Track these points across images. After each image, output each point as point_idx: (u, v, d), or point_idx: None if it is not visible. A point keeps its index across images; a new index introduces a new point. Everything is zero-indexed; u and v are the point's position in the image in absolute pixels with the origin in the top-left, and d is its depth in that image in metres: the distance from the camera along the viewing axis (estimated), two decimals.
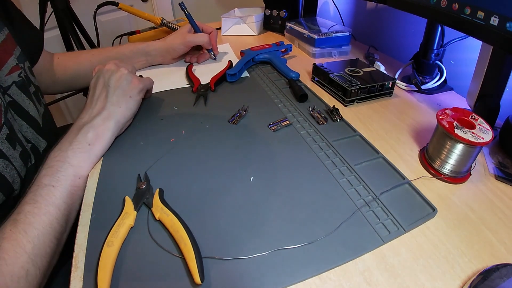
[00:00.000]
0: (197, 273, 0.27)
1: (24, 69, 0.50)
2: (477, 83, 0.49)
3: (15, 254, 0.27)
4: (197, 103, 0.56)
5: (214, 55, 0.74)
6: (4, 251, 0.27)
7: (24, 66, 0.50)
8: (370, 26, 0.92)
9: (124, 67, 0.48)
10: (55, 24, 1.15)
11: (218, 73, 0.64)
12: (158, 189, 0.36)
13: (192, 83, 0.61)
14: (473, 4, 0.41)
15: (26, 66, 0.51)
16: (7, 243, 0.28)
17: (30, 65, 0.53)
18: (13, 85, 0.46)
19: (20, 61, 0.49)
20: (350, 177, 0.39)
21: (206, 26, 0.73)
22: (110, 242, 0.29)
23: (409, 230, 0.32)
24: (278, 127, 0.48)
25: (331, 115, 0.50)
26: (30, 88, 0.50)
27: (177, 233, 0.30)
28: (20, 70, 0.48)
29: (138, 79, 0.49)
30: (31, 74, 0.52)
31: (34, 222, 0.30)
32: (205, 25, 0.73)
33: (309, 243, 0.30)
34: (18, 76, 0.48)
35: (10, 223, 0.30)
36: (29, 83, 0.50)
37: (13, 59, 0.47)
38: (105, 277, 0.27)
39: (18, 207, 0.32)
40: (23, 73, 0.49)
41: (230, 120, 0.50)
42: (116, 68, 0.47)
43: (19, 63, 0.49)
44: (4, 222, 0.30)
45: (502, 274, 0.26)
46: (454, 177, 0.39)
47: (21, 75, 0.48)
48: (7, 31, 0.48)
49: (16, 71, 0.47)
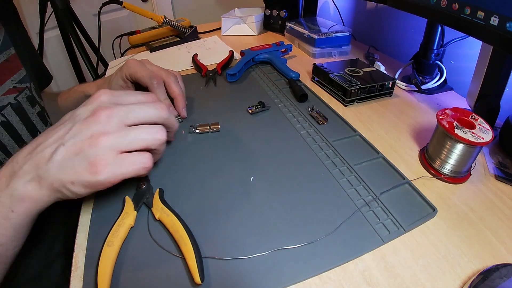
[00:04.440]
0: (197, 272, 0.27)
1: (30, 89, 0.47)
2: (477, 83, 0.49)
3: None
4: (208, 85, 0.63)
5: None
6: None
7: (30, 86, 0.47)
8: (370, 26, 0.92)
9: (113, 133, 0.29)
10: (55, 24, 1.15)
11: (222, 59, 0.70)
12: (158, 189, 0.35)
13: (200, 69, 0.67)
14: (473, 4, 0.41)
15: (32, 87, 0.48)
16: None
17: (36, 87, 0.49)
18: (8, 106, 0.43)
19: (25, 81, 0.46)
20: (350, 177, 0.39)
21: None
22: (110, 242, 0.29)
23: (409, 230, 0.32)
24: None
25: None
26: (35, 108, 0.47)
27: (177, 233, 0.30)
28: (16, 93, 0.44)
29: (111, 162, 0.29)
30: (37, 95, 0.48)
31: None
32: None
33: (309, 243, 0.30)
34: (15, 99, 0.43)
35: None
36: (34, 103, 0.47)
37: (11, 82, 0.44)
38: (105, 277, 0.27)
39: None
40: (28, 92, 0.46)
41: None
42: (103, 126, 0.29)
43: (24, 83, 0.45)
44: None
45: (502, 274, 0.26)
46: (454, 177, 0.39)
47: (17, 99, 0.44)
48: (13, 51, 0.46)
49: (13, 93, 0.43)
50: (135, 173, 0.30)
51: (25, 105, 0.46)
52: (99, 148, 0.28)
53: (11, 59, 0.45)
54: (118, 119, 0.30)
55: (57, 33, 1.16)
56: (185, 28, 0.87)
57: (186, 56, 0.78)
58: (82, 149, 0.28)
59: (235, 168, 0.40)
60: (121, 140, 0.29)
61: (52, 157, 0.28)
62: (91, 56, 1.19)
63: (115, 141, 0.29)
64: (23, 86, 0.46)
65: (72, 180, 0.28)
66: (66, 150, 0.28)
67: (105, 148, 0.29)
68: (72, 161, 0.28)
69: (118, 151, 0.29)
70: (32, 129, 0.47)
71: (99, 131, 0.29)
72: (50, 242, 0.47)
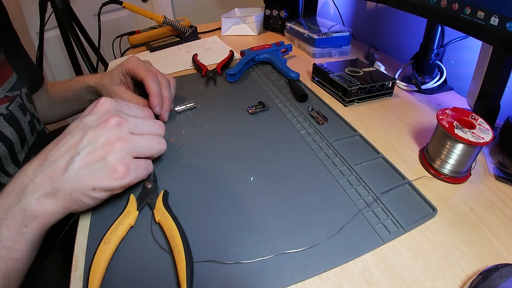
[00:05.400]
0: (185, 285, 0.26)
1: (20, 96, 0.46)
2: (477, 83, 0.49)
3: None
4: (208, 85, 0.62)
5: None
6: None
7: (21, 93, 0.46)
8: (370, 26, 0.92)
9: (127, 138, 0.31)
10: (55, 24, 1.15)
11: (222, 59, 0.70)
12: (163, 191, 0.35)
13: (200, 69, 0.67)
14: (473, 4, 0.41)
15: (24, 92, 0.47)
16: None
17: (28, 91, 0.49)
18: (1, 117, 0.42)
19: (15, 88, 0.45)
20: (350, 177, 0.39)
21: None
22: (107, 239, 0.29)
23: (409, 230, 0.32)
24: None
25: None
26: (26, 117, 0.46)
27: (173, 239, 0.30)
28: (8, 103, 0.43)
29: (131, 166, 0.31)
30: (28, 102, 0.48)
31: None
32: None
33: (311, 246, 0.30)
34: (7, 109, 0.43)
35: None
36: (25, 112, 0.46)
37: (1, 91, 0.43)
38: (98, 274, 0.27)
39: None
40: (19, 100, 0.45)
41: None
42: (117, 132, 0.31)
43: (14, 90, 0.45)
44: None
45: (502, 274, 0.26)
46: (454, 177, 0.39)
47: (9, 108, 0.43)
48: (2, 57, 0.45)
49: (4, 103, 0.43)
50: (144, 177, 0.33)
51: (18, 114, 0.45)
52: (118, 153, 0.30)
53: (0, 66, 0.45)
54: (127, 128, 0.31)
55: (57, 33, 1.16)
56: (185, 28, 0.87)
57: (186, 56, 0.78)
58: (101, 155, 0.29)
59: (235, 168, 0.40)
60: (134, 146, 0.31)
61: (68, 167, 0.28)
62: (91, 56, 1.19)
63: (130, 146, 0.31)
64: (14, 94, 0.45)
65: (94, 186, 0.29)
66: (83, 158, 0.29)
67: (123, 153, 0.30)
68: (91, 168, 0.29)
69: (133, 156, 0.31)
70: (23, 139, 0.46)
71: (114, 136, 0.30)
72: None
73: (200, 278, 0.28)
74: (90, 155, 0.29)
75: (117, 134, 0.30)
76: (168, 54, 0.81)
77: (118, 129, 0.30)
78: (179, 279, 0.27)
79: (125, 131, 0.31)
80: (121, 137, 0.30)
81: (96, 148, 0.29)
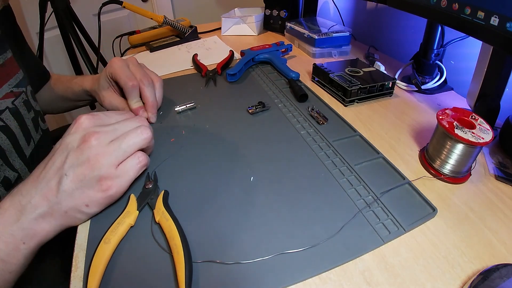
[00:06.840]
0: (184, 285, 0.26)
1: (25, 93, 0.47)
2: (477, 83, 0.49)
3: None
4: (208, 85, 0.62)
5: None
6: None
7: (26, 90, 0.48)
8: (370, 26, 0.92)
9: (107, 151, 0.32)
10: (55, 24, 1.15)
11: (222, 60, 0.70)
12: (164, 191, 0.35)
13: (201, 69, 0.67)
14: (473, 4, 0.41)
15: (29, 90, 0.49)
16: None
17: (33, 89, 0.51)
18: (7, 111, 0.43)
19: (21, 85, 0.47)
20: (350, 177, 0.39)
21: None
22: (107, 239, 0.30)
23: (409, 230, 0.32)
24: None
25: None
26: (30, 114, 0.48)
27: (172, 240, 0.30)
28: (13, 98, 0.45)
29: (117, 175, 0.32)
30: (32, 99, 0.49)
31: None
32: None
33: (311, 246, 0.30)
34: (12, 103, 0.44)
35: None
36: (29, 109, 0.48)
37: (7, 86, 0.44)
38: (97, 273, 0.27)
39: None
40: (24, 97, 0.47)
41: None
42: (96, 148, 0.31)
43: (20, 87, 0.46)
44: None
45: (502, 274, 0.26)
46: (454, 177, 0.39)
47: (15, 103, 0.45)
48: (10, 54, 0.46)
49: (10, 98, 0.44)
50: (137, 174, 0.34)
51: (22, 110, 0.46)
52: (100, 168, 0.31)
53: (7, 63, 0.45)
54: (107, 139, 0.32)
55: (57, 33, 1.16)
56: (185, 28, 0.87)
57: (186, 56, 0.78)
58: (85, 174, 0.31)
59: (235, 168, 0.40)
60: (116, 154, 0.32)
61: (59, 188, 0.30)
62: (91, 56, 1.19)
63: (112, 157, 0.32)
64: (20, 91, 0.46)
65: (86, 203, 0.31)
66: (71, 179, 0.30)
67: (105, 166, 0.31)
68: (80, 187, 0.31)
69: (117, 164, 0.32)
70: (27, 134, 0.47)
71: (94, 154, 0.31)
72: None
73: (200, 278, 0.28)
74: (76, 175, 0.30)
75: (96, 151, 0.31)
76: (168, 54, 0.81)
77: (98, 146, 0.32)
78: (178, 279, 0.27)
79: (105, 143, 0.32)
80: (101, 152, 0.31)
81: (80, 168, 0.31)
